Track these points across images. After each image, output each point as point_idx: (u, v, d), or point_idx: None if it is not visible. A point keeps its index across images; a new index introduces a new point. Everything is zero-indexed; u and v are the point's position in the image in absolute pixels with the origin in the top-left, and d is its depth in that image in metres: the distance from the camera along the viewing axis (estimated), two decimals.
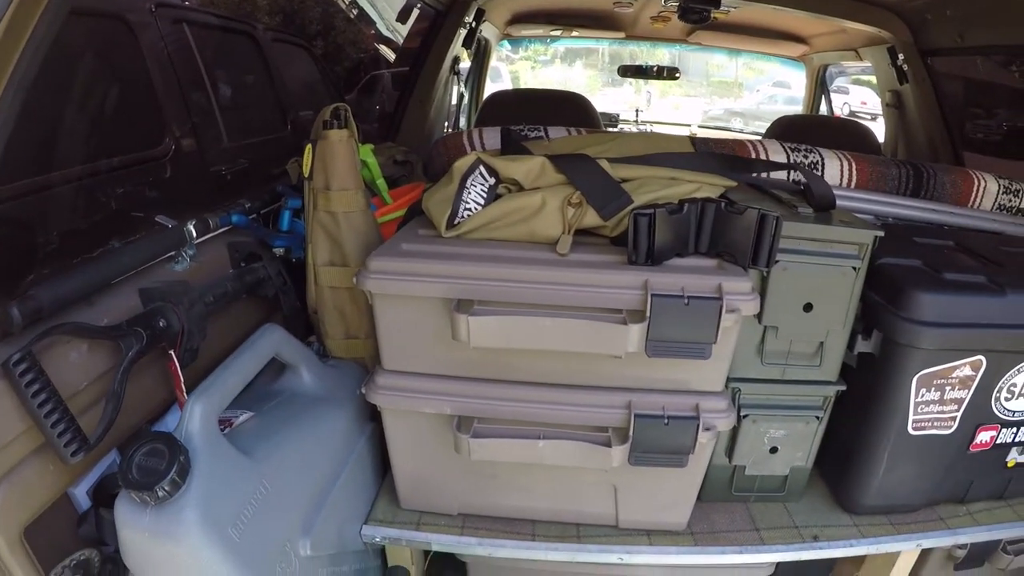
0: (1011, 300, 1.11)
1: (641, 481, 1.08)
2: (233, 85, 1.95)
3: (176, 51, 1.70)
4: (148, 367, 1.08)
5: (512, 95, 2.92)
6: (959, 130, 2.37)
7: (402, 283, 0.97)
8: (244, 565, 0.85)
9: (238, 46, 2.02)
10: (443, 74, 2.40)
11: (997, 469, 1.29)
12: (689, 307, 0.91)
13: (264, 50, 2.08)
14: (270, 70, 2.09)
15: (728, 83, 6.09)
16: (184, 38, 1.76)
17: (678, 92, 5.23)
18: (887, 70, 2.53)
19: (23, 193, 1.27)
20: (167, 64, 1.66)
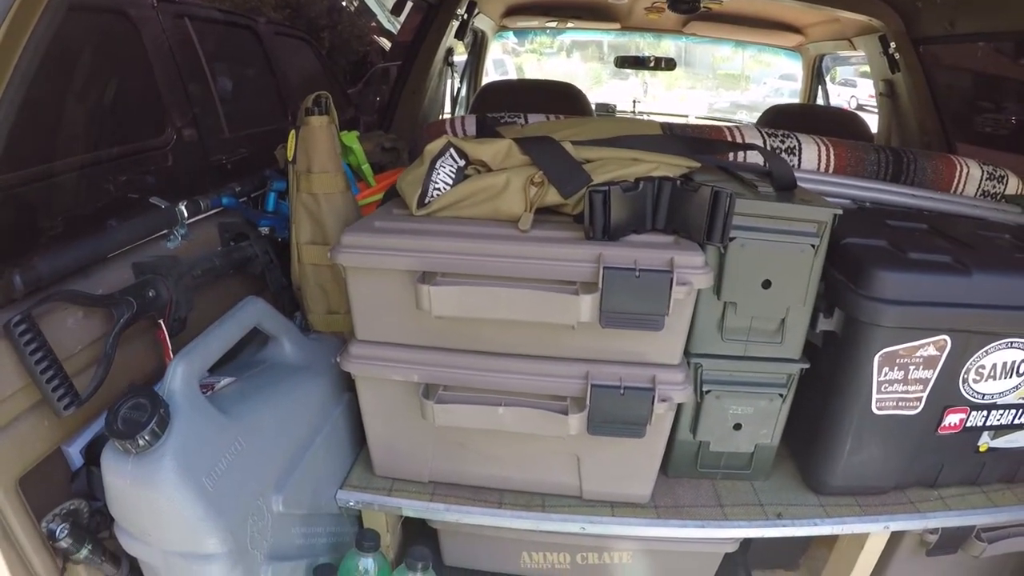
0: (976, 280, 1.18)
1: (603, 452, 1.18)
2: (234, 77, 2.09)
3: (177, 45, 1.84)
4: (140, 337, 1.21)
5: (506, 85, 3.05)
6: (951, 118, 2.43)
7: (372, 256, 1.09)
8: (216, 512, 0.97)
9: (239, 40, 2.17)
10: (436, 65, 2.54)
11: (968, 453, 1.35)
12: (640, 279, 1.01)
13: (265, 43, 2.22)
14: (271, 63, 2.23)
15: (735, 76, 6.16)
16: (186, 32, 1.90)
17: (684, 84, 5.31)
18: (879, 59, 2.61)
19: (31, 179, 1.40)
20: (169, 57, 1.80)
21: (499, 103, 2.01)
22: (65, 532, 1.00)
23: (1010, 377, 1.28)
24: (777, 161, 1.22)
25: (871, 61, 2.80)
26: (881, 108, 2.78)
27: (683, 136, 1.37)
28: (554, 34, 4.33)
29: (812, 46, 3.41)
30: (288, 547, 1.14)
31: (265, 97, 2.24)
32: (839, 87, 3.56)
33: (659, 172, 1.13)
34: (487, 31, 3.22)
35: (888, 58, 2.54)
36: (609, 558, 1.32)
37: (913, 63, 2.41)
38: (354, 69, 3.00)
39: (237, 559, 1.00)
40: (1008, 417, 1.33)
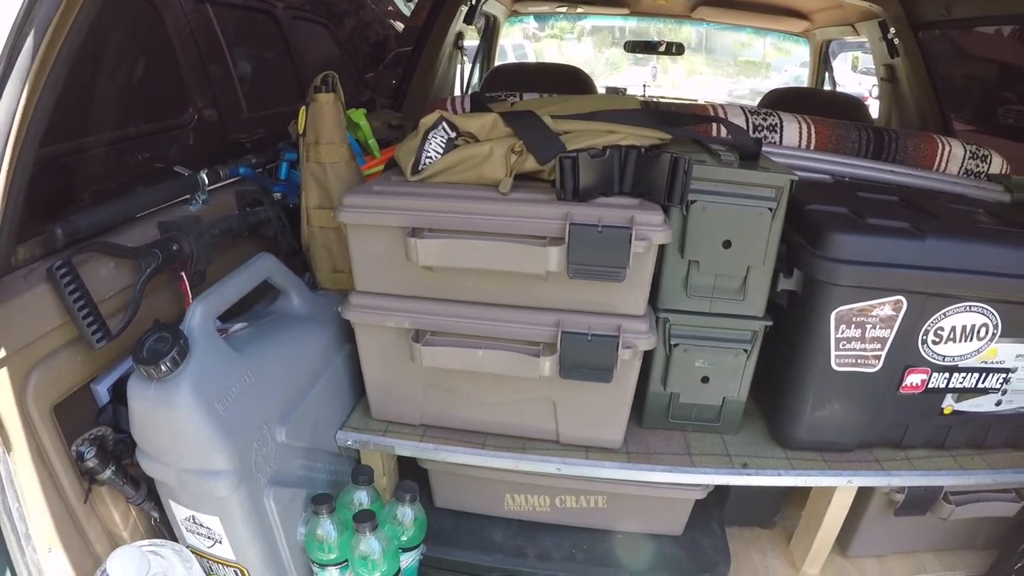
0: (931, 244, 1.35)
1: (576, 398, 1.37)
2: (253, 60, 2.32)
3: (199, 30, 2.06)
4: (165, 289, 1.43)
5: (515, 68, 3.25)
6: (950, 103, 2.56)
7: (369, 214, 1.30)
8: (225, 433, 1.18)
9: (258, 24, 2.40)
10: (446, 49, 2.75)
11: (933, 415, 1.51)
12: (603, 234, 1.20)
13: (283, 27, 2.46)
14: (289, 46, 2.47)
15: (755, 63, 6.28)
16: (207, 17, 2.13)
17: (705, 72, 5.45)
18: (879, 44, 2.76)
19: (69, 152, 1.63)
20: (191, 42, 2.02)
21: (507, 85, 2.21)
22: (92, 454, 1.21)
23: (970, 340, 1.43)
24: (739, 132, 1.40)
25: (872, 46, 2.95)
26: (882, 93, 2.93)
27: (656, 111, 1.55)
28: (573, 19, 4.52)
29: (818, 32, 3.57)
30: (290, 476, 1.35)
31: (283, 79, 2.47)
32: (861, 75, 3.69)
33: (628, 142, 1.31)
34: (499, 16, 3.43)
35: (887, 43, 2.69)
36: (586, 502, 1.51)
37: (912, 48, 2.55)
38: (375, 53, 3.23)
39: (242, 478, 1.21)
40: (971, 380, 1.48)
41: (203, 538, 1.30)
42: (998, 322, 1.42)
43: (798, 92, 3.48)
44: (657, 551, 1.52)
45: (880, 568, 1.66)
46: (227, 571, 1.32)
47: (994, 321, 1.42)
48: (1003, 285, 1.38)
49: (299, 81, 2.49)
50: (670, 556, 1.51)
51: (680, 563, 1.50)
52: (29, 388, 1.14)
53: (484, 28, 3.27)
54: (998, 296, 1.39)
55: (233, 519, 1.25)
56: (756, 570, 1.63)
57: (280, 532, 1.33)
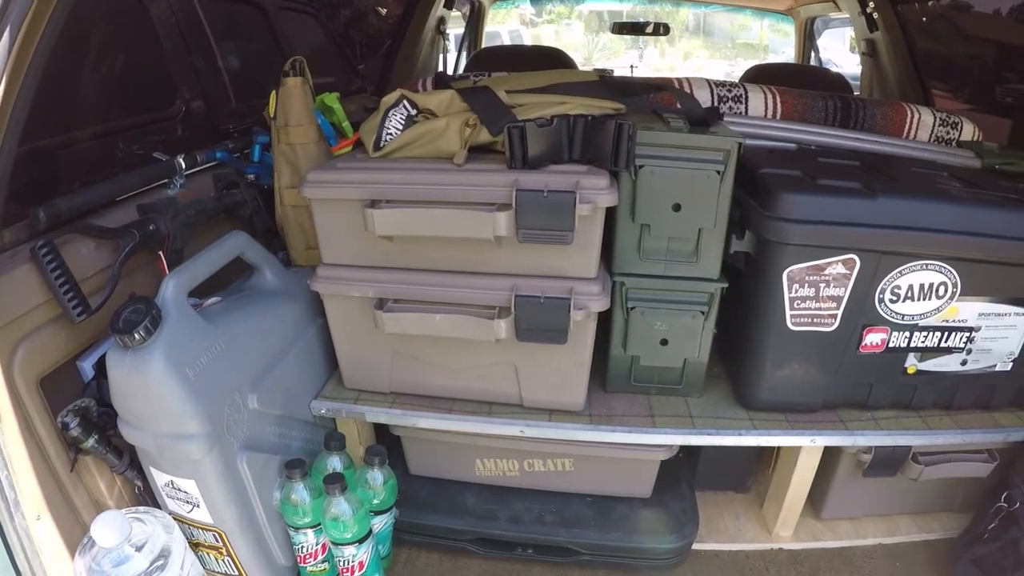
0: (881, 203, 1.43)
1: (536, 361, 1.48)
2: (240, 51, 2.45)
3: (185, 21, 2.20)
4: (144, 269, 1.56)
5: (498, 51, 3.37)
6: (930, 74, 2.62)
7: (330, 189, 1.42)
8: (196, 397, 1.30)
9: (245, 14, 2.54)
10: (427, 34, 2.88)
11: (896, 375, 1.59)
12: (548, 199, 1.30)
13: (271, 18, 2.60)
14: (276, 36, 2.61)
15: (753, 45, 6.35)
16: (193, 9, 2.27)
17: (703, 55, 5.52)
18: (859, 19, 2.82)
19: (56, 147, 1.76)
20: (176, 34, 2.16)
21: (490, 68, 2.31)
22: (75, 423, 1.34)
23: (929, 299, 1.51)
24: (687, 100, 1.49)
25: (853, 21, 3.03)
26: (864, 67, 3.00)
27: (611, 83, 1.65)
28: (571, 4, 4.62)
29: (802, 9, 3.66)
30: (263, 442, 1.48)
31: (270, 69, 2.60)
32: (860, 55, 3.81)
33: (577, 111, 1.41)
34: (484, 1, 3.55)
35: (867, 17, 2.76)
36: (553, 465, 1.61)
37: (891, 21, 2.62)
38: (369, 42, 3.36)
39: (214, 441, 1.33)
40: (933, 340, 1.56)
41: (182, 503, 1.42)
42: (957, 280, 1.49)
43: (778, 68, 3.59)
44: (626, 513, 1.62)
45: (854, 530, 1.73)
46: (206, 535, 1.45)
47: (953, 279, 1.49)
48: (959, 243, 1.45)
49: None
50: (638, 518, 1.61)
51: (648, 524, 1.60)
52: (16, 361, 1.27)
53: (470, 14, 3.39)
54: (955, 254, 1.47)
55: (208, 482, 1.37)
56: (729, 533, 1.72)
57: (255, 496, 1.45)
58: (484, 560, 1.64)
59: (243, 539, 1.45)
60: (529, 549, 1.61)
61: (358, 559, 1.46)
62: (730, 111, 1.83)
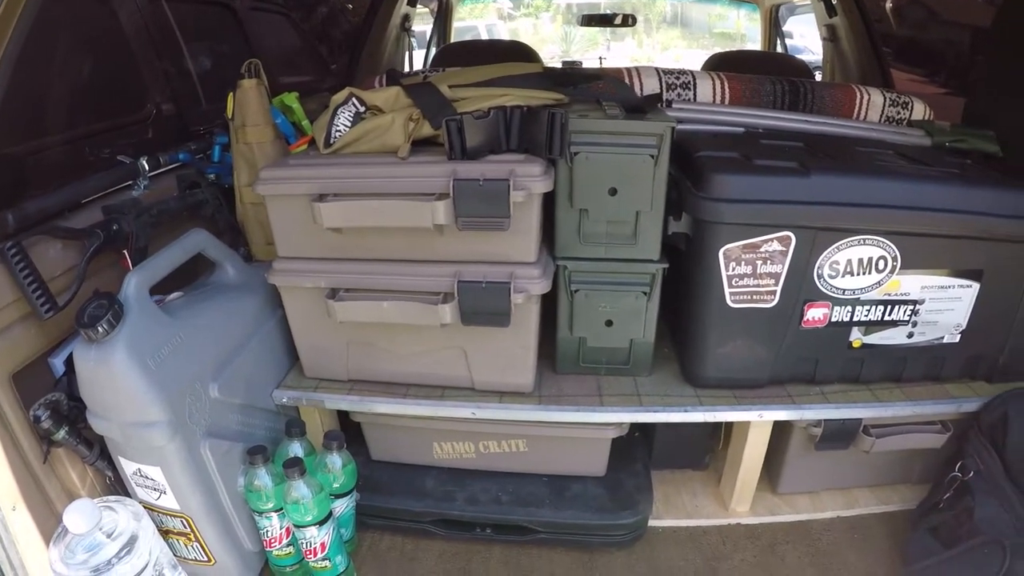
0: (814, 180, 1.55)
1: (484, 345, 1.61)
2: (211, 52, 2.60)
3: (154, 25, 2.35)
4: (110, 268, 1.71)
5: (461, 47, 3.51)
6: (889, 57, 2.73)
7: (282, 185, 1.55)
8: (157, 386, 1.44)
9: (215, 16, 2.70)
10: (391, 31, 3.03)
11: (842, 349, 1.71)
12: (483, 187, 1.44)
13: (241, 19, 2.75)
14: (248, 37, 2.76)
15: (730, 34, 6.49)
16: (162, 12, 2.42)
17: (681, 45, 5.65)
18: (819, 5, 2.94)
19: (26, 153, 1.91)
20: (146, 37, 2.31)
21: (455, 63, 2.45)
22: (46, 415, 1.49)
23: (869, 273, 1.63)
24: (621, 88, 1.62)
25: (814, 8, 3.15)
26: (825, 52, 3.13)
27: (555, 74, 1.78)
28: None
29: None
30: (226, 430, 1.62)
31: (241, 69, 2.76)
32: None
33: (513, 103, 1.54)
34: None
35: (826, 3, 2.88)
36: (508, 446, 1.74)
37: (849, 5, 2.74)
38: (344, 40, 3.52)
39: (177, 428, 1.47)
40: (876, 313, 1.68)
41: (150, 490, 1.56)
42: (896, 254, 1.61)
43: (741, 55, 3.72)
44: (580, 491, 1.75)
45: (812, 503, 1.85)
46: (174, 521, 1.59)
47: (892, 253, 1.61)
48: (895, 217, 1.57)
49: None
50: (592, 496, 1.74)
51: (602, 502, 1.72)
52: None
53: (438, 10, 3.54)
54: (892, 228, 1.58)
55: (172, 468, 1.51)
56: (686, 510, 1.84)
57: (219, 482, 1.59)
58: (445, 541, 1.77)
59: (210, 524, 1.59)
60: (488, 529, 1.74)
61: (319, 540, 1.60)
62: (679, 98, 1.95)
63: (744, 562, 1.73)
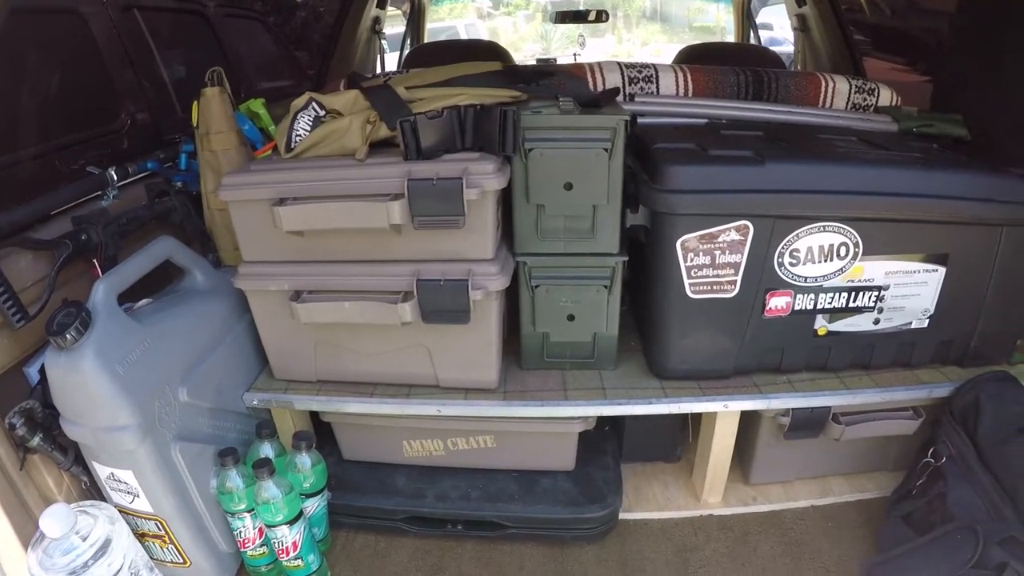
0: (770, 168, 1.62)
1: (447, 343, 1.69)
2: (185, 61, 2.70)
3: (127, 35, 2.45)
4: (81, 278, 1.80)
5: (432, 47, 3.61)
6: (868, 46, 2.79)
7: (243, 191, 1.64)
8: (126, 391, 1.53)
9: (188, 24, 2.79)
10: (362, 34, 3.12)
11: (807, 337, 1.78)
12: (437, 186, 1.52)
13: (215, 27, 2.85)
14: (222, 45, 2.86)
15: (710, 28, 6.58)
16: (135, 22, 2.52)
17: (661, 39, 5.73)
18: None
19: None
20: (119, 47, 2.41)
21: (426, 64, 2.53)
22: (21, 423, 1.57)
23: (830, 260, 1.70)
24: (575, 83, 1.70)
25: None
26: (796, 43, 3.21)
27: (514, 71, 1.86)
28: None
29: None
30: (197, 433, 1.70)
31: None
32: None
33: (467, 102, 1.62)
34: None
35: None
36: (476, 443, 1.82)
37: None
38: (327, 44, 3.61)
39: (147, 431, 1.56)
40: (840, 300, 1.74)
41: (124, 494, 1.65)
42: (858, 240, 1.67)
43: (711, 47, 3.81)
44: (549, 486, 1.83)
45: (785, 493, 1.92)
46: (149, 524, 1.68)
47: (854, 239, 1.67)
48: (855, 203, 1.63)
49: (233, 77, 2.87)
50: (561, 490, 1.81)
51: (571, 496, 1.80)
52: None
53: (410, 11, 3.65)
54: (852, 214, 1.65)
55: (144, 471, 1.59)
56: (658, 502, 1.92)
57: (191, 484, 1.67)
58: (417, 538, 1.85)
59: (183, 526, 1.67)
60: (459, 525, 1.82)
61: (291, 540, 1.68)
62: (641, 91, 2.03)
63: (716, 553, 1.80)
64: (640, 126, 1.89)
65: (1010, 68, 1.97)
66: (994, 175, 1.69)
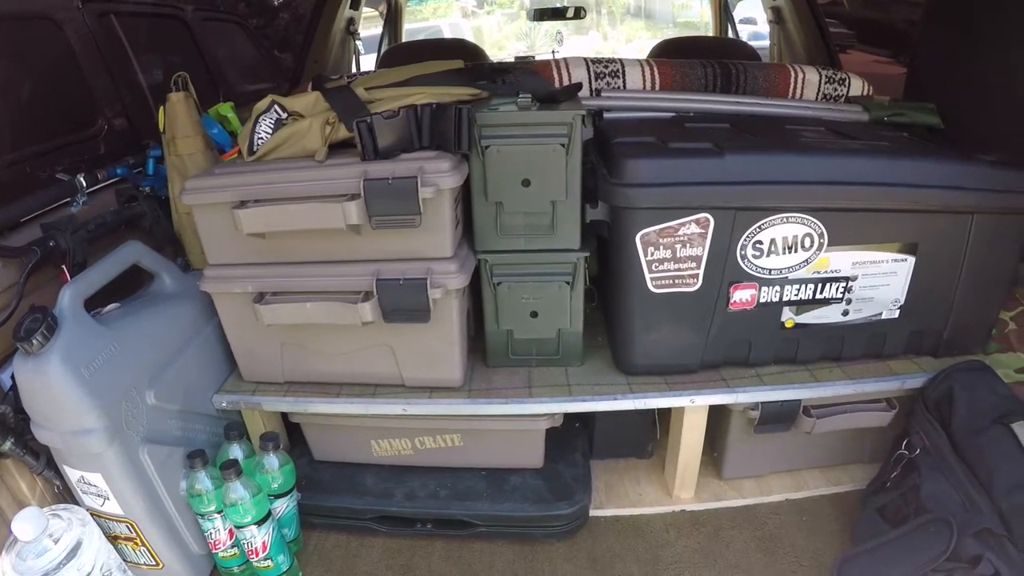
0: (729, 160, 1.67)
1: (410, 342, 1.76)
2: (162, 65, 2.79)
3: (104, 41, 2.53)
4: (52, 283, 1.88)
5: (408, 47, 3.69)
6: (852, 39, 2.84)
7: (206, 194, 1.71)
8: (92, 394, 1.60)
9: (166, 28, 2.88)
10: (335, 36, 3.21)
11: (775, 330, 1.83)
12: (392, 185, 1.58)
13: (193, 30, 2.94)
14: (200, 48, 2.94)
15: (695, 23, 6.64)
16: (111, 28, 2.60)
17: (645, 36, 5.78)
18: None
19: None
20: (95, 53, 2.49)
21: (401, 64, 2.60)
22: None
23: (795, 251, 1.74)
24: (532, 79, 1.76)
25: None
26: (772, 36, 3.26)
27: (468, 70, 1.92)
28: None
29: None
30: (166, 435, 1.78)
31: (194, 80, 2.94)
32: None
33: (423, 100, 1.68)
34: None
35: None
36: (443, 441, 1.89)
37: None
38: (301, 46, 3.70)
39: (113, 434, 1.63)
40: (807, 292, 1.79)
41: (95, 497, 1.73)
42: (823, 231, 1.72)
43: (686, 41, 3.89)
44: (518, 484, 1.89)
45: (759, 487, 1.97)
46: (120, 526, 1.75)
47: (818, 230, 1.72)
48: (817, 193, 1.68)
49: (212, 80, 2.96)
50: (530, 487, 1.87)
51: (539, 493, 1.86)
52: None
53: (387, 12, 3.74)
54: (816, 204, 1.70)
55: (113, 474, 1.67)
56: (630, 498, 1.97)
57: (161, 486, 1.74)
58: (388, 538, 1.92)
59: (154, 529, 1.74)
60: (428, 524, 1.89)
61: (260, 540, 1.75)
62: (608, 86, 2.09)
63: (688, 549, 1.85)
64: (606, 121, 1.95)
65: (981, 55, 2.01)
66: (963, 162, 1.73)
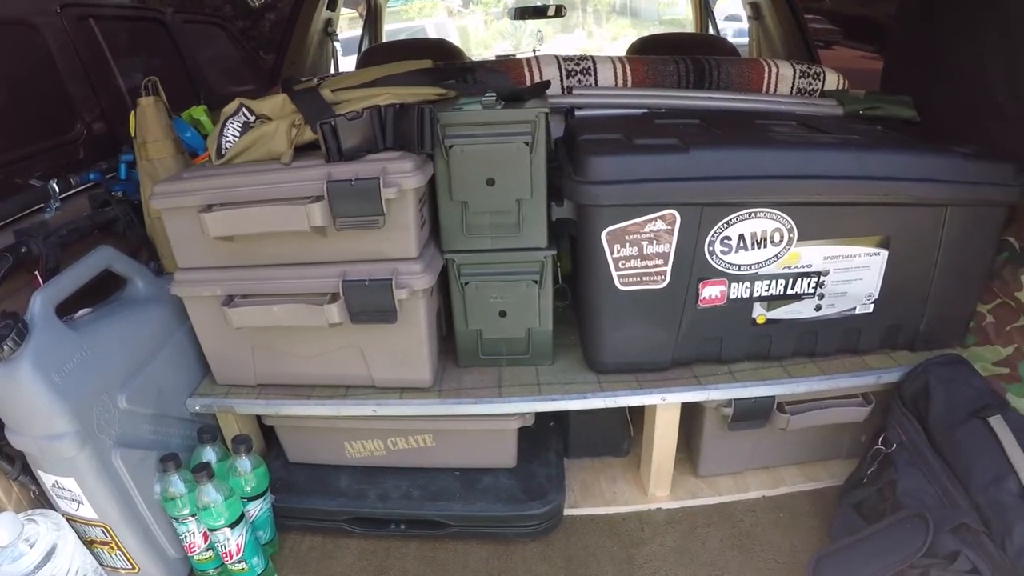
0: (693, 156, 1.71)
1: (378, 343, 1.81)
2: (143, 68, 2.84)
3: (83, 45, 2.60)
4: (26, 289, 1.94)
5: (386, 47, 3.76)
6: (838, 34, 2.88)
7: (174, 198, 1.77)
8: (63, 399, 1.65)
9: (145, 32, 2.94)
10: (313, 37, 3.27)
11: (746, 326, 1.87)
12: (355, 186, 1.63)
13: (173, 33, 3.00)
14: (180, 51, 3.01)
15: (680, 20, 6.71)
16: (90, 32, 2.66)
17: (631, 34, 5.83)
18: None
19: None
20: (74, 57, 2.55)
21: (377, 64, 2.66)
22: None
23: (764, 247, 1.78)
24: (495, 78, 1.81)
25: None
26: (751, 32, 3.30)
27: (443, 69, 1.97)
28: None
29: None
30: (138, 439, 1.84)
31: (174, 83, 3.00)
32: None
33: (387, 101, 1.73)
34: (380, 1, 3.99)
35: None
36: (415, 442, 1.94)
37: None
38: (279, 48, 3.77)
39: (85, 438, 1.68)
40: (778, 288, 1.83)
41: (69, 501, 1.78)
42: (792, 226, 1.76)
43: (663, 38, 3.96)
44: (491, 483, 1.94)
45: (736, 485, 2.02)
46: (95, 530, 1.81)
47: (787, 225, 1.76)
48: (780, 187, 1.72)
49: (193, 83, 3.02)
50: (503, 487, 1.92)
51: (512, 493, 1.90)
52: None
53: (367, 13, 3.81)
54: (781, 199, 1.73)
55: (86, 478, 1.72)
56: (605, 497, 2.02)
57: (135, 490, 1.80)
58: (363, 539, 1.97)
59: (129, 532, 1.80)
60: (402, 525, 1.94)
61: (234, 543, 1.81)
62: (580, 84, 2.14)
63: (663, 547, 1.90)
64: (576, 119, 1.99)
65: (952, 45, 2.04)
66: (935, 154, 1.77)
